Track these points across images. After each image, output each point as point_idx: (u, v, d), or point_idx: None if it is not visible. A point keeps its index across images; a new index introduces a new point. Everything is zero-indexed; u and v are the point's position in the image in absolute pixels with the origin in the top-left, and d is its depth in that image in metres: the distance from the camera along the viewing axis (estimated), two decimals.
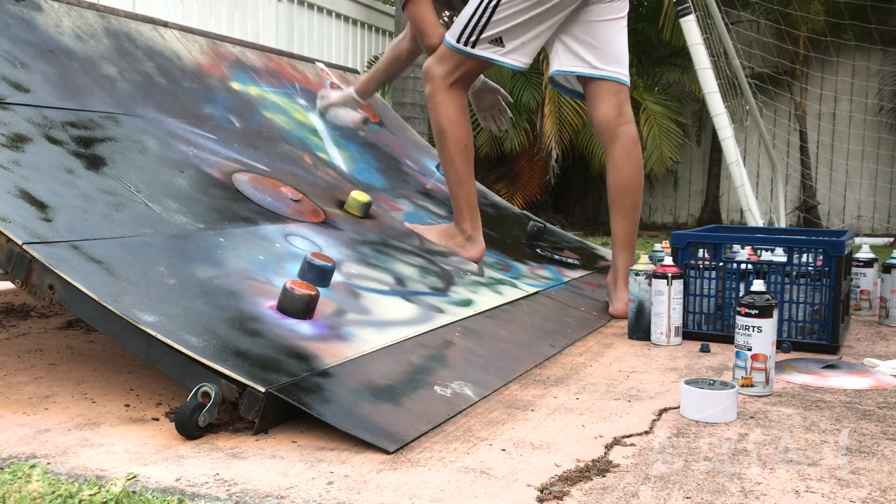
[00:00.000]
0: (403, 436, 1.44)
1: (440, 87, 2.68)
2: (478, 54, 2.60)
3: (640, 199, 2.72)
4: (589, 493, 1.22)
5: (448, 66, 2.67)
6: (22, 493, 1.17)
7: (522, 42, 2.58)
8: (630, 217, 2.70)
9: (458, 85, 2.70)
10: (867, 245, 3.03)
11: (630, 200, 2.69)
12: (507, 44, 2.58)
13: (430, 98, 2.72)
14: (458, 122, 2.71)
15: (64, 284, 1.52)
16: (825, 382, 1.90)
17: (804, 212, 7.92)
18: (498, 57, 2.60)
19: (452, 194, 2.78)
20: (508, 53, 2.59)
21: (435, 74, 2.69)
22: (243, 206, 2.20)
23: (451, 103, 2.69)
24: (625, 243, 2.69)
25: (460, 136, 2.71)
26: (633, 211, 2.71)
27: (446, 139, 2.71)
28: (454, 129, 2.70)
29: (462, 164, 2.72)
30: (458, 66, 2.66)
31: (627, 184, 2.67)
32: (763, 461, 1.37)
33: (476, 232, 2.75)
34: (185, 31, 2.98)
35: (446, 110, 2.69)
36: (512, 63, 2.61)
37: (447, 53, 2.67)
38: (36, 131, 1.94)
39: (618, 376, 1.95)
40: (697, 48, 4.58)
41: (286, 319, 1.73)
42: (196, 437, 1.42)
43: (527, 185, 7.57)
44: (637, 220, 2.73)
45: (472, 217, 2.75)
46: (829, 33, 7.07)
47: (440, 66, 2.68)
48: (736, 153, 4.71)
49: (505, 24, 2.55)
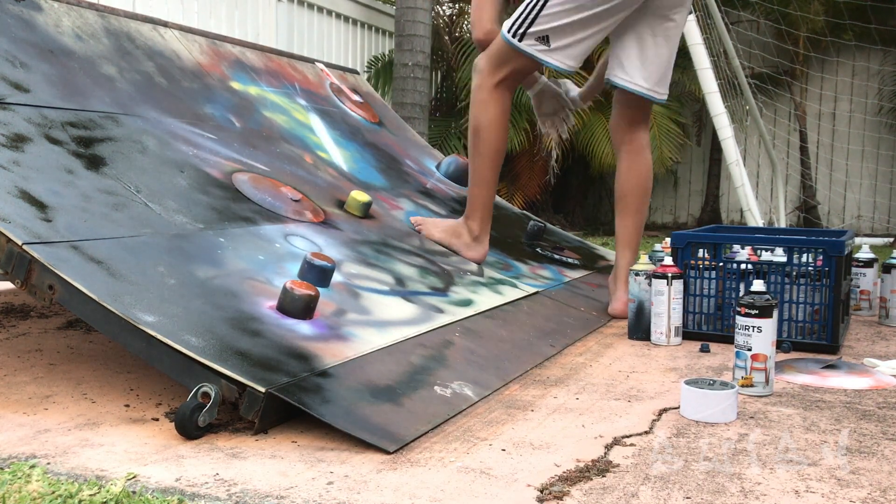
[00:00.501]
0: (403, 436, 1.44)
1: (487, 85, 2.65)
2: (523, 49, 2.56)
3: (646, 201, 2.73)
4: (589, 493, 1.22)
5: (496, 61, 2.63)
6: (22, 493, 1.17)
7: (568, 43, 2.53)
8: (634, 218, 2.70)
9: (504, 85, 2.65)
10: (867, 245, 3.03)
11: (635, 201, 2.69)
12: (553, 42, 2.53)
13: (475, 93, 2.69)
14: (498, 125, 2.67)
15: (64, 284, 1.52)
16: (825, 382, 1.90)
17: (804, 212, 7.92)
18: (541, 55, 2.56)
19: (470, 192, 2.76)
20: (552, 53, 2.55)
21: (483, 69, 2.66)
22: (243, 206, 2.20)
23: (495, 104, 2.65)
24: (628, 244, 2.69)
25: (495, 140, 2.68)
26: (638, 212, 2.71)
27: (480, 139, 2.68)
28: (491, 131, 2.67)
29: (489, 167, 2.70)
30: (505, 63, 2.62)
31: (634, 186, 2.68)
32: (763, 461, 1.37)
33: (483, 234, 2.75)
34: (185, 31, 2.98)
35: (488, 110, 2.65)
36: (556, 64, 2.56)
37: (498, 49, 2.63)
38: (36, 131, 1.94)
39: (618, 376, 1.95)
40: (697, 48, 4.58)
41: (286, 319, 1.73)
42: (196, 437, 1.42)
43: (527, 185, 7.56)
44: (642, 221, 2.74)
45: (483, 219, 2.74)
46: (829, 33, 7.07)
47: (489, 62, 2.65)
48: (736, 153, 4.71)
49: (552, 21, 2.51)
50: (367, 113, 3.70)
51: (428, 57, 6.24)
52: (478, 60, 2.71)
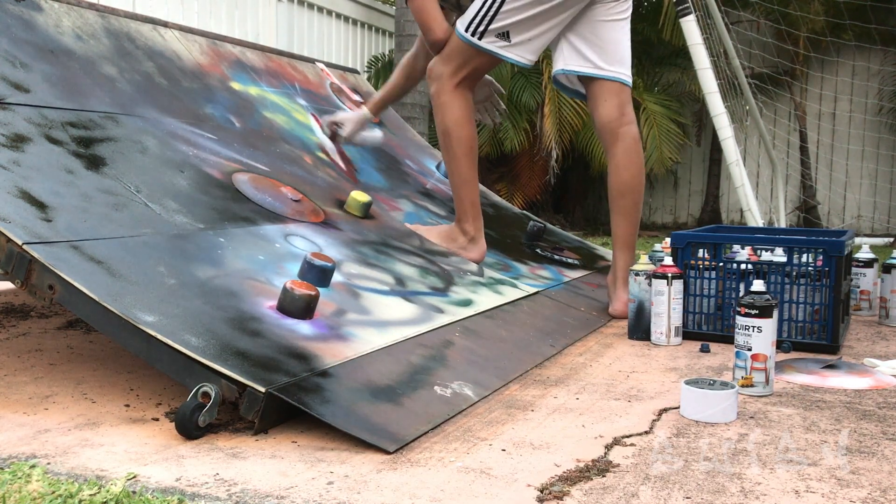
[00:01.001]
0: (403, 436, 1.44)
1: (446, 87, 2.67)
2: (484, 46, 2.59)
3: (640, 199, 2.72)
4: (589, 493, 1.22)
5: (454, 63, 2.66)
6: (22, 493, 1.17)
7: (529, 38, 2.58)
8: (630, 217, 2.70)
9: (463, 85, 2.69)
10: (867, 245, 3.03)
11: (630, 201, 2.68)
12: (514, 38, 2.57)
13: (436, 98, 2.71)
14: (464, 123, 2.70)
15: (64, 284, 1.52)
16: (825, 382, 1.90)
17: (804, 212, 7.92)
18: (503, 51, 2.59)
19: (456, 195, 2.77)
20: (513, 48, 2.59)
21: (441, 73, 2.68)
22: (243, 206, 2.20)
23: (457, 103, 2.68)
24: (625, 243, 2.69)
25: (465, 137, 2.71)
26: (634, 211, 2.70)
27: (451, 139, 2.71)
28: (459, 129, 2.69)
29: (467, 165, 2.72)
30: (465, 64, 2.65)
31: (628, 184, 2.67)
32: (763, 461, 1.37)
33: (478, 233, 2.75)
34: (185, 31, 2.98)
35: (451, 111, 2.68)
36: (517, 59, 2.61)
37: (454, 50, 2.66)
38: (36, 131, 1.94)
39: (618, 376, 1.95)
40: (697, 48, 4.58)
41: (286, 319, 1.73)
42: (196, 437, 1.42)
43: (527, 185, 7.57)
44: (638, 220, 2.73)
45: (474, 218, 2.75)
46: (829, 33, 7.07)
47: (446, 65, 2.68)
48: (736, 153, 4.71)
49: (513, 16, 2.54)
50: None
51: None
52: (432, 66, 2.71)
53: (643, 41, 7.77)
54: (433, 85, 2.72)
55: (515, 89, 7.08)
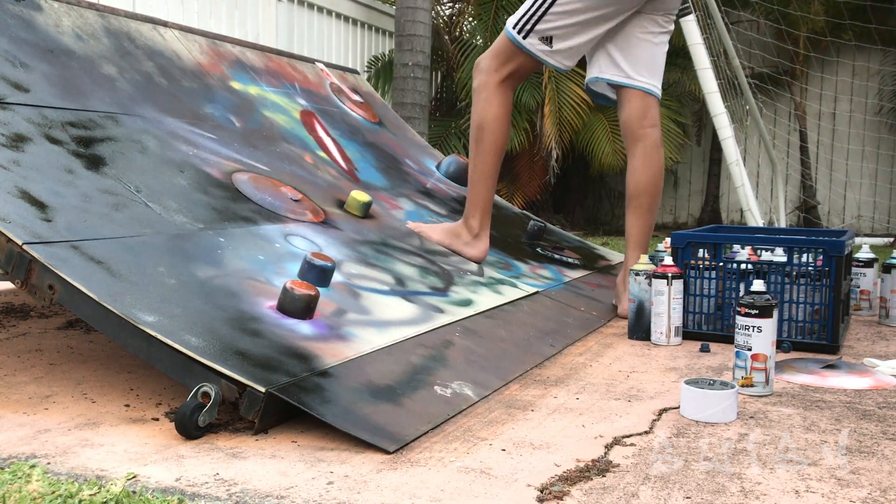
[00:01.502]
0: (403, 436, 1.44)
1: (491, 82, 2.68)
2: (526, 47, 2.60)
3: (655, 201, 2.73)
4: (589, 493, 1.22)
5: (500, 58, 2.67)
6: (22, 493, 1.17)
7: (570, 46, 2.60)
8: (644, 218, 2.71)
9: (507, 83, 2.70)
10: (867, 245, 3.03)
11: (645, 201, 2.70)
12: (556, 44, 2.59)
13: (478, 91, 2.72)
14: (502, 121, 2.71)
15: (64, 284, 1.52)
16: (825, 382, 1.90)
17: (804, 212, 7.92)
18: (543, 55, 2.61)
19: (472, 189, 2.78)
20: (554, 54, 2.61)
21: (487, 67, 2.70)
22: (243, 206, 2.20)
23: (498, 101, 2.69)
24: (637, 243, 2.70)
25: (498, 137, 2.72)
26: (649, 212, 2.72)
27: (484, 135, 2.71)
28: (494, 126, 2.70)
29: (492, 163, 2.73)
30: (510, 61, 2.66)
31: (643, 185, 2.69)
32: (763, 461, 1.37)
33: (483, 231, 2.76)
34: (185, 31, 2.98)
35: (491, 106, 2.69)
36: (555, 64, 2.64)
37: (501, 46, 2.67)
38: (36, 131, 1.94)
39: (618, 376, 1.95)
40: (697, 48, 4.58)
41: (286, 319, 1.73)
42: (196, 437, 1.42)
43: (527, 185, 7.56)
44: (652, 222, 2.74)
45: (483, 216, 2.76)
46: (829, 33, 7.07)
47: (493, 59, 2.69)
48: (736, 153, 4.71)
49: (558, 20, 2.56)
50: (367, 113, 3.70)
51: (428, 57, 6.24)
52: (480, 59, 2.75)
53: None
54: (478, 77, 2.72)
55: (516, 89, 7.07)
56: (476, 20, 7.37)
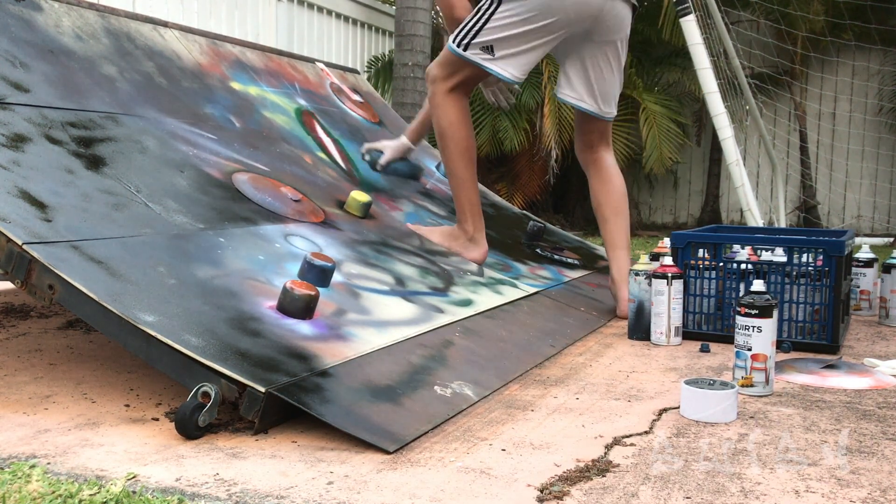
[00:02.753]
0: (403, 436, 1.44)
1: (440, 91, 2.70)
2: (469, 58, 2.62)
3: (622, 207, 2.83)
4: (589, 493, 1.22)
5: (447, 70, 2.69)
6: (22, 493, 1.17)
7: (512, 53, 2.59)
8: (616, 219, 2.80)
9: (458, 90, 2.70)
10: (867, 245, 3.03)
11: (615, 213, 2.81)
12: (497, 52, 2.59)
13: (431, 100, 2.74)
14: (460, 125, 2.71)
15: (64, 284, 1.52)
16: (825, 382, 1.90)
17: (804, 212, 7.92)
18: (487, 64, 2.61)
19: (455, 196, 2.78)
20: (497, 62, 2.61)
21: (436, 77, 2.71)
22: (243, 206, 2.20)
23: (451, 106, 2.70)
24: (617, 245, 2.77)
25: (461, 138, 2.72)
26: (618, 213, 2.81)
27: (447, 140, 2.72)
28: (455, 130, 2.71)
29: (463, 166, 2.73)
30: (456, 72, 2.67)
31: (611, 200, 2.82)
32: (763, 461, 1.37)
33: (479, 233, 2.75)
34: (185, 31, 2.98)
35: (447, 113, 2.70)
36: (500, 72, 2.62)
37: (447, 58, 2.69)
38: (36, 131, 1.94)
39: (618, 376, 1.95)
40: (697, 48, 4.58)
41: (286, 319, 1.73)
42: (196, 437, 1.42)
43: (527, 185, 7.56)
44: (626, 221, 2.83)
45: (474, 219, 2.75)
46: (829, 33, 7.07)
47: (441, 70, 2.70)
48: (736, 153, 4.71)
49: (497, 33, 2.57)
50: (367, 113, 3.70)
51: (428, 57, 6.24)
52: (429, 69, 2.76)
53: (643, 41, 7.76)
54: (430, 87, 2.74)
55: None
56: None
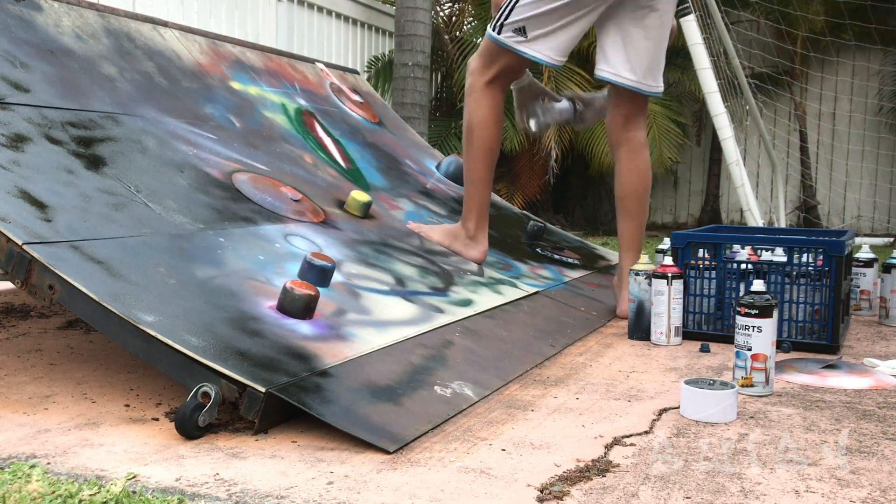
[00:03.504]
0: (403, 436, 1.44)
1: (478, 84, 2.66)
2: (502, 41, 2.57)
3: (644, 202, 2.71)
4: (589, 493, 1.22)
5: (485, 59, 2.65)
6: (22, 493, 1.17)
7: (545, 33, 2.52)
8: (634, 220, 2.70)
9: (495, 84, 2.67)
10: (867, 245, 3.03)
11: (633, 203, 2.68)
12: (530, 33, 2.53)
13: (468, 93, 2.71)
14: (490, 123, 2.68)
15: (64, 284, 1.52)
16: (825, 382, 1.90)
17: (804, 212, 7.92)
18: (521, 47, 2.55)
19: (466, 192, 2.77)
20: (530, 43, 2.54)
21: (474, 69, 2.68)
22: (243, 206, 2.20)
23: (486, 102, 2.66)
24: (630, 245, 2.69)
25: (488, 138, 2.69)
26: (638, 214, 2.70)
27: (474, 137, 2.70)
28: (483, 129, 2.68)
29: (484, 165, 2.71)
30: (494, 61, 2.63)
31: (631, 187, 2.67)
32: (763, 461, 1.37)
33: (480, 233, 2.75)
34: (185, 31, 2.98)
35: (479, 109, 2.67)
36: (535, 55, 2.55)
37: (485, 46, 2.66)
38: (36, 131, 1.94)
39: (618, 376, 1.95)
40: (697, 48, 4.58)
41: (286, 319, 1.73)
42: (196, 437, 1.42)
43: (527, 185, 7.56)
44: (643, 223, 2.72)
45: (479, 218, 2.75)
46: (829, 33, 7.07)
47: (479, 60, 2.68)
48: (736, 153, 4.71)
49: (527, 11, 2.52)
50: (367, 113, 3.70)
51: (428, 57, 6.24)
52: (470, 61, 2.73)
53: None
54: (468, 79, 2.71)
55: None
56: (476, 20, 7.37)
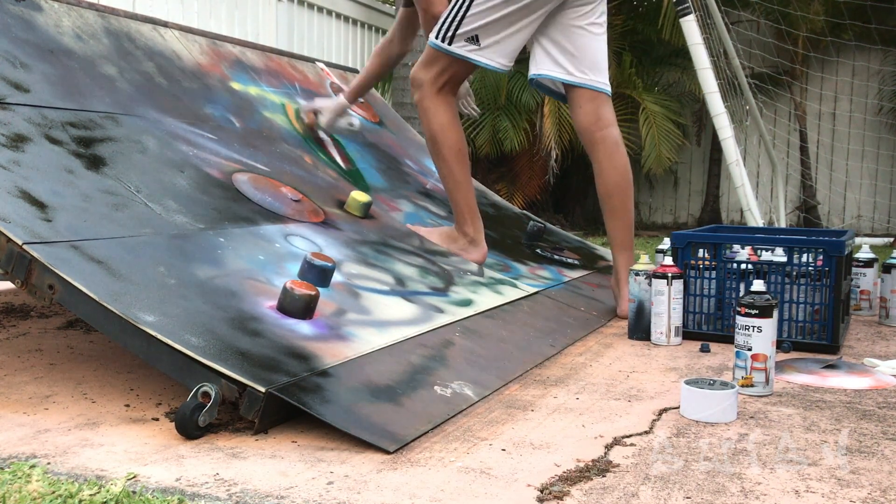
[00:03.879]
0: (403, 436, 1.44)
1: (428, 93, 2.66)
2: (455, 52, 2.58)
3: (629, 200, 2.70)
4: (589, 493, 1.22)
5: (434, 69, 2.65)
6: (22, 493, 1.17)
7: (497, 40, 2.55)
8: (621, 218, 2.69)
9: (445, 90, 2.67)
10: (867, 245, 3.03)
11: (617, 201, 2.68)
12: (483, 41, 2.55)
13: (419, 104, 2.70)
14: (450, 127, 2.68)
15: (64, 284, 1.52)
16: (825, 382, 1.90)
17: (804, 212, 7.92)
18: (474, 56, 2.58)
19: (451, 199, 2.77)
20: (484, 52, 2.57)
21: (422, 80, 2.67)
22: (243, 206, 2.20)
23: (441, 108, 2.67)
24: (622, 244, 2.69)
25: (453, 141, 2.69)
26: (624, 211, 2.69)
27: (439, 144, 2.70)
28: (446, 133, 2.68)
29: (458, 168, 2.71)
30: (444, 70, 2.64)
31: (612, 185, 2.67)
32: (763, 461, 1.37)
33: (478, 234, 2.75)
34: (185, 31, 2.98)
35: (436, 116, 2.67)
36: (489, 63, 2.59)
37: (431, 56, 2.65)
38: (36, 131, 1.94)
39: (618, 376, 1.95)
40: (697, 48, 4.58)
41: (286, 319, 1.73)
42: (196, 437, 1.42)
43: (527, 185, 7.56)
44: (630, 220, 2.72)
45: (473, 220, 2.75)
46: (829, 33, 7.06)
47: (427, 71, 2.66)
48: (736, 153, 4.71)
49: (479, 20, 2.53)
50: (368, 113, 3.70)
51: None
52: (413, 74, 2.71)
53: (643, 41, 7.76)
54: (416, 92, 2.70)
55: (515, 89, 7.07)
56: None
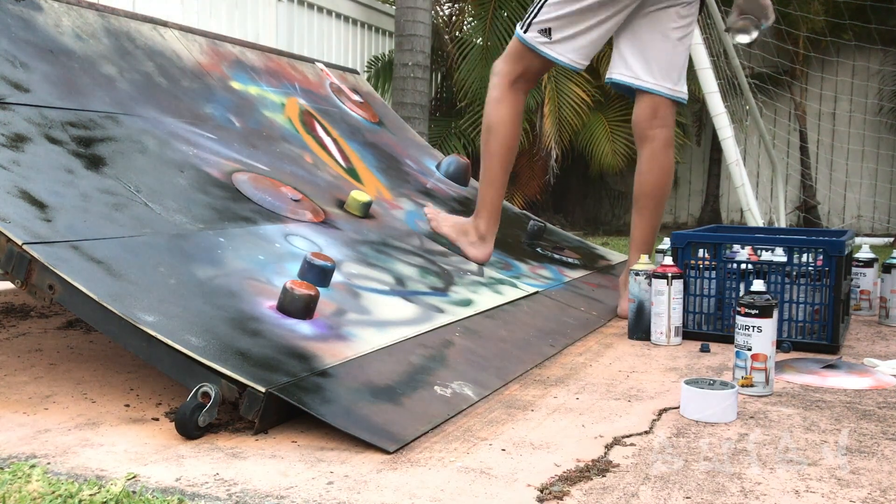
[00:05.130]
0: (403, 436, 1.44)
1: (502, 83, 2.67)
2: (528, 41, 2.59)
3: (660, 204, 2.69)
4: (589, 493, 1.22)
5: (510, 59, 2.67)
6: (22, 493, 1.17)
7: (569, 36, 2.55)
8: (648, 220, 2.68)
9: (518, 85, 2.68)
10: (867, 245, 3.03)
11: (650, 203, 2.67)
12: (555, 35, 2.55)
13: (490, 92, 2.71)
14: (510, 124, 2.68)
15: (64, 284, 1.52)
16: (825, 382, 1.90)
17: (804, 212, 7.92)
18: (545, 49, 2.58)
19: (480, 192, 2.77)
20: (554, 45, 2.56)
21: (500, 70, 2.69)
22: (243, 206, 2.20)
23: (508, 103, 2.67)
24: (642, 244, 2.68)
25: (508, 138, 2.69)
26: (653, 214, 2.68)
27: (492, 136, 2.70)
28: (503, 128, 2.68)
29: (500, 166, 2.71)
30: (519, 62, 2.65)
31: (649, 187, 2.66)
32: (763, 461, 1.37)
33: (489, 234, 2.75)
34: (185, 30, 2.98)
35: (500, 109, 2.67)
36: (559, 58, 2.58)
37: (512, 46, 2.67)
38: (36, 131, 1.94)
39: (618, 376, 1.95)
40: (697, 48, 4.58)
41: (286, 319, 1.73)
42: (196, 437, 1.42)
43: (527, 185, 7.56)
44: (656, 224, 2.70)
45: (490, 219, 2.75)
46: (829, 33, 7.07)
47: (504, 61, 2.69)
48: (736, 153, 4.71)
49: (554, 11, 2.54)
50: (367, 113, 3.70)
51: (428, 57, 6.24)
52: (495, 63, 2.74)
53: None
54: (492, 79, 2.72)
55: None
56: (475, 20, 7.37)
